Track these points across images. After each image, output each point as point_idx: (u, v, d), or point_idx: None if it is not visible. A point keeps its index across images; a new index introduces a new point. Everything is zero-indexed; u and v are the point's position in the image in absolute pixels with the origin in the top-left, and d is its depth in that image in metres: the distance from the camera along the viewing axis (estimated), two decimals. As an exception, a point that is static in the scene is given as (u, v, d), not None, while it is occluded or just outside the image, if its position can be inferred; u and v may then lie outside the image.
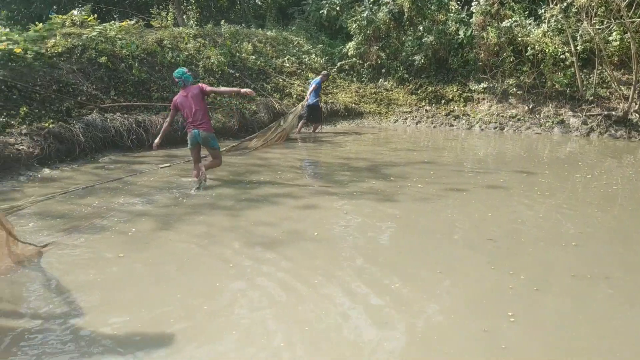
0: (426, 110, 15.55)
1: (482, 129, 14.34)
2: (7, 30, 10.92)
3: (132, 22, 12.96)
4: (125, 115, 10.11)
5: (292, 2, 20.14)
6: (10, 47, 9.70)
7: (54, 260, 4.68)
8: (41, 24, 12.00)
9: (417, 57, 16.01)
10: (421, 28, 16.11)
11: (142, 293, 4.06)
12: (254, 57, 14.47)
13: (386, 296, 4.00)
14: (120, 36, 11.70)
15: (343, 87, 16.28)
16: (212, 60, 12.96)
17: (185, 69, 7.48)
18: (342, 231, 5.59)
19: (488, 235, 5.43)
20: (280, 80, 14.69)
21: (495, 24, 14.49)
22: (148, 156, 9.58)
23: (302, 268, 4.53)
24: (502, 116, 14.52)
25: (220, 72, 12.95)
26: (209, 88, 7.37)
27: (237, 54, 14.08)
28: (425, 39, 15.80)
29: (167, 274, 4.43)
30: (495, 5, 14.73)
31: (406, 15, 16.56)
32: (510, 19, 14.36)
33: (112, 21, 12.70)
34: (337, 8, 17.45)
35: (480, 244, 5.20)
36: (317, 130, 13.21)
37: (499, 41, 14.42)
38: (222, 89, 7.79)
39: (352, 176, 8.21)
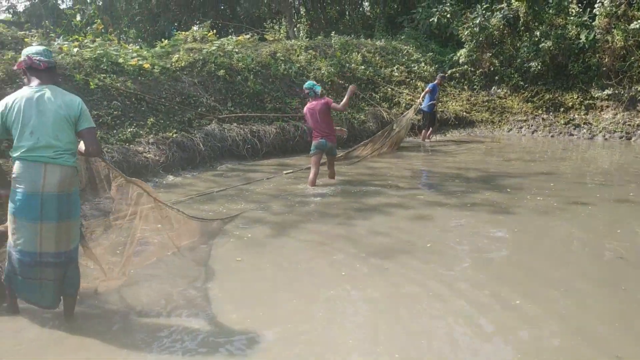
0: (543, 119, 14.78)
1: (606, 139, 13.37)
2: (137, 47, 11.83)
3: (248, 36, 13.56)
4: (241, 126, 10.57)
5: (401, 11, 20.06)
6: (140, 62, 10.51)
7: (176, 259, 4.97)
8: (166, 40, 12.91)
9: (533, 64, 15.28)
10: (538, 33, 15.38)
11: (258, 297, 4.19)
12: (363, 67, 14.56)
13: (507, 312, 3.81)
14: (236, 50, 12.28)
15: (453, 96, 15.92)
16: (323, 71, 13.21)
17: (314, 82, 8.21)
18: (456, 243, 5.43)
19: (617, 252, 5.03)
20: (389, 89, 14.65)
21: (622, 26, 13.48)
22: (261, 165, 9.93)
23: (414, 280, 4.45)
24: (630, 125, 13.45)
25: (330, 82, 13.18)
26: (333, 104, 7.94)
27: (347, 65, 14.25)
28: (543, 44, 15.05)
29: (282, 279, 4.55)
30: (622, 6, 13.70)
31: (522, 20, 15.90)
32: (639, 20, 13.29)
33: (229, 36, 13.35)
34: (448, 15, 17.13)
35: (609, 262, 4.83)
36: (426, 138, 12.99)
37: (627, 44, 13.39)
38: (340, 107, 8.05)
39: (464, 187, 7.98)
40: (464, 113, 15.17)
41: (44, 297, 3.52)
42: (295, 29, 19.43)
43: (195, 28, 15.55)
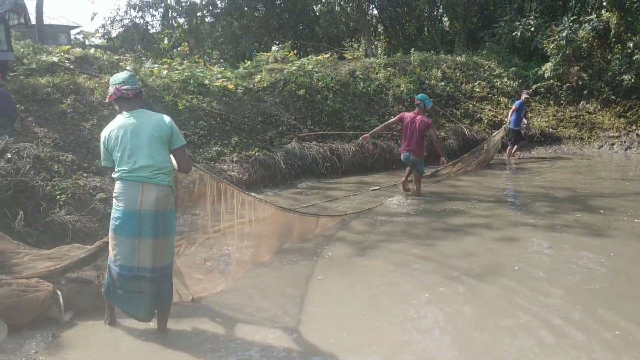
0: (637, 135, 13.90)
1: None
2: (221, 68, 12.27)
3: (327, 55, 13.74)
4: (320, 144, 10.67)
5: (481, 26, 19.63)
6: (225, 83, 10.89)
7: (260, 277, 5.05)
8: (248, 61, 13.32)
9: (625, 77, 14.44)
10: (631, 44, 14.54)
11: (342, 318, 4.17)
12: (443, 83, 14.34)
13: (607, 341, 3.57)
14: (316, 69, 12.46)
15: (539, 111, 15.31)
16: (402, 88, 13.13)
17: (426, 95, 8.60)
18: (548, 267, 5.18)
19: None
20: (470, 105, 14.32)
21: None
22: (341, 182, 9.96)
23: (501, 305, 4.27)
24: None
25: (409, 99, 13.05)
26: (432, 130, 8.28)
27: (426, 81, 14.08)
28: (637, 56, 14.20)
29: (364, 300, 4.50)
30: None
31: (613, 31, 15.10)
32: None
33: (309, 55, 13.58)
34: (532, 29, 16.55)
35: None
36: (512, 155, 12.53)
37: None
38: (434, 138, 8.40)
39: (553, 207, 7.61)
40: (550, 129, 14.54)
41: (140, 310, 3.69)
42: (373, 47, 19.47)
43: (274, 48, 15.97)
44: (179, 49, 21.29)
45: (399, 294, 4.61)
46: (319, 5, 21.59)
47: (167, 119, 3.72)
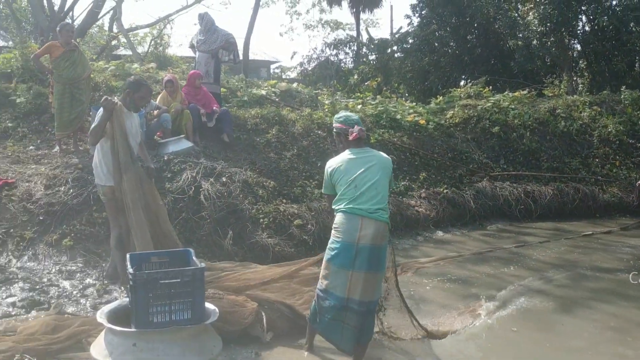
0: None
1: None
2: (413, 104, 12.32)
3: (524, 91, 13.05)
4: (514, 185, 10.06)
5: None
6: (416, 118, 10.89)
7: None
8: (438, 97, 13.19)
9: None
10: None
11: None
12: (659, 125, 12.70)
13: None
14: (512, 106, 11.88)
15: None
16: (610, 129, 11.90)
17: None
18: None
19: None
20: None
21: None
22: (535, 227, 9.26)
23: None
24: None
25: (617, 141, 11.78)
26: None
27: (639, 122, 12.60)
28: None
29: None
30: None
31: None
32: None
33: (506, 92, 13.02)
34: None
35: None
36: None
37: None
38: None
39: None
40: None
41: (343, 341, 3.75)
42: (573, 83, 18.08)
43: (462, 83, 15.61)
44: (366, 83, 22.00)
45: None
46: (514, 40, 20.75)
47: (389, 158, 3.95)
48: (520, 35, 20.09)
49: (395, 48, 23.30)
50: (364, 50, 24.07)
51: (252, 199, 7.01)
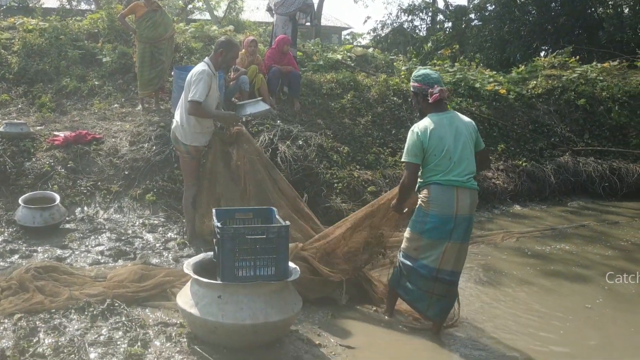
0: None
1: None
2: (494, 72, 11.82)
3: (614, 62, 12.22)
4: (599, 161, 9.52)
5: None
6: (496, 88, 10.46)
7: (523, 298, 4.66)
8: (519, 67, 12.57)
9: None
10: None
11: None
12: None
13: None
14: (601, 78, 11.18)
15: None
16: None
17: None
18: None
19: None
20: None
21: None
22: (620, 207, 8.76)
23: None
24: None
25: None
26: None
27: None
28: None
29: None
30: None
31: None
32: None
33: (594, 62, 12.25)
34: None
35: None
36: None
37: None
38: None
39: None
40: None
41: (430, 309, 3.71)
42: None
43: (542, 54, 14.79)
44: (440, 52, 21.32)
45: None
46: (604, 8, 19.47)
47: (472, 121, 3.75)
48: (611, 2, 18.82)
49: (472, 15, 22.45)
50: (440, 17, 23.30)
51: (327, 164, 7.00)
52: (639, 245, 6.53)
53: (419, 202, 3.65)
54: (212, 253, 3.59)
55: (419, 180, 3.67)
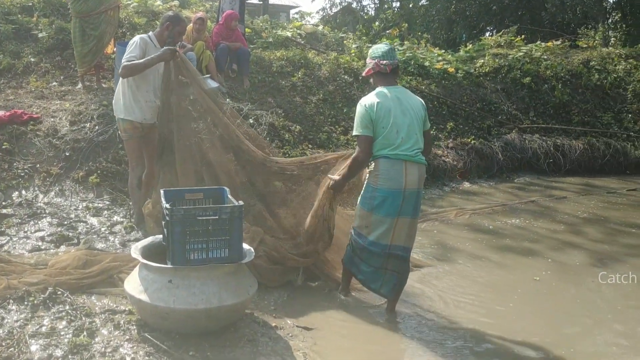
0: None
1: None
2: (442, 51, 11.91)
3: (558, 42, 12.55)
4: (544, 138, 9.79)
5: None
6: (445, 66, 10.54)
7: (482, 272, 4.73)
8: (470, 45, 12.72)
9: None
10: None
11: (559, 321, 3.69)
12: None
13: None
14: (545, 57, 11.46)
15: None
16: (645, 83, 11.48)
17: None
18: None
19: None
20: None
21: None
22: (564, 182, 9.06)
23: None
24: None
25: (652, 98, 11.38)
26: None
27: (676, 77, 12.13)
28: None
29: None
30: None
31: None
32: None
33: (538, 42, 12.54)
34: None
35: None
36: None
37: None
38: None
39: None
40: None
41: (383, 286, 3.69)
42: (606, 36, 17.44)
43: (487, 34, 15.05)
44: (388, 31, 21.38)
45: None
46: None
47: (421, 100, 3.74)
48: (553, -16, 19.29)
49: (420, -5, 22.57)
50: (388, -4, 23.33)
51: (279, 142, 6.87)
52: (584, 219, 6.74)
53: (368, 177, 3.62)
54: (161, 236, 3.43)
55: None
